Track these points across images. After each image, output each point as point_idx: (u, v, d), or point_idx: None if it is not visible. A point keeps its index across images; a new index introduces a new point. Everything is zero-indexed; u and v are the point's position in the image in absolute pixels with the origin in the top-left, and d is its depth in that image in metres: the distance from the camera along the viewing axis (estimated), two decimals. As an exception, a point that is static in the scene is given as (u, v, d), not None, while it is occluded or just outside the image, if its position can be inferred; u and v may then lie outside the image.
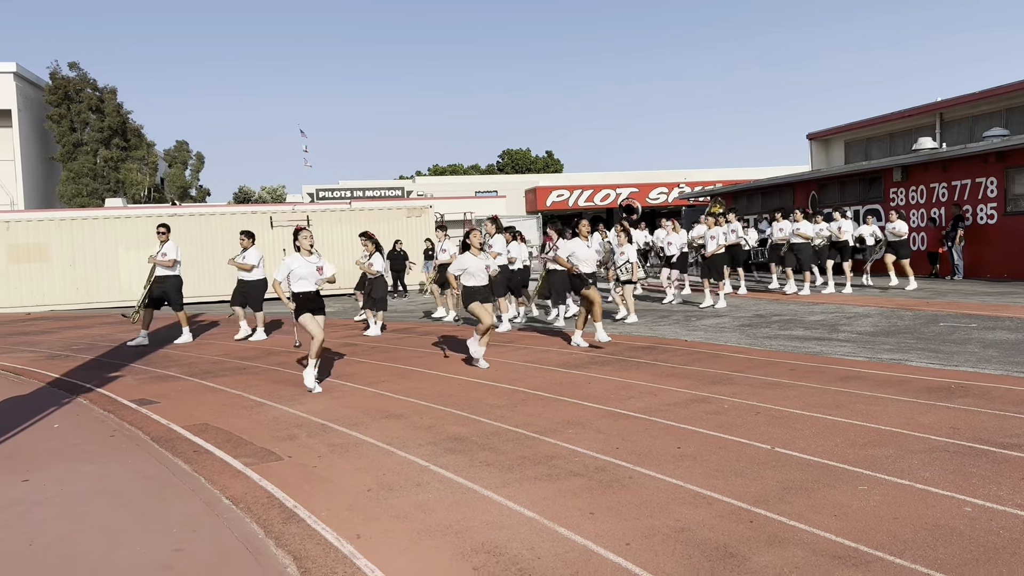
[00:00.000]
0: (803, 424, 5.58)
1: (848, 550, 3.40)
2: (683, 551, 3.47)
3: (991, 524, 3.61)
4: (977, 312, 11.24)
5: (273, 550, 3.74)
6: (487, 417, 6.27)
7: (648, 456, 4.98)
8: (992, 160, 18.11)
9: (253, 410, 6.93)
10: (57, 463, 5.43)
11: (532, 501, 4.22)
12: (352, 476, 4.85)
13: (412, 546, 3.68)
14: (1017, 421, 5.38)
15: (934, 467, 4.47)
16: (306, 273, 7.67)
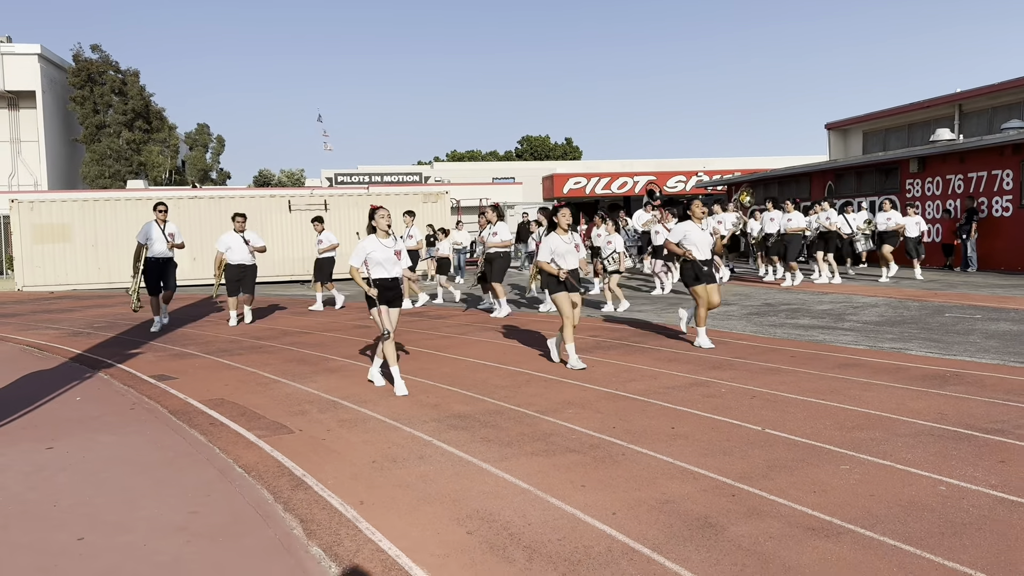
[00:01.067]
0: (795, 408, 5.75)
1: (822, 523, 3.58)
2: (665, 520, 3.67)
3: (962, 502, 3.78)
4: (984, 304, 11.29)
5: (281, 514, 3.98)
6: (491, 397, 6.48)
7: (642, 435, 5.17)
8: (1008, 152, 18.00)
9: (267, 387, 7.19)
10: (79, 433, 5.71)
11: (527, 474, 4.44)
12: (358, 448, 5.08)
13: (411, 512, 3.91)
14: (1004, 408, 5.52)
15: (916, 449, 4.63)
16: (383, 258, 6.72)
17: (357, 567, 3.29)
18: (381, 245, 6.72)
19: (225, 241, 11.78)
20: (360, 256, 6.74)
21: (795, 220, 15.13)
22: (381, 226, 6.74)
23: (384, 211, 6.77)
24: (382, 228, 6.75)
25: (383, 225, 6.75)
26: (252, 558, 3.44)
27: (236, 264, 11.70)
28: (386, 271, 6.71)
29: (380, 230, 6.75)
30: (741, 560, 3.22)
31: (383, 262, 6.70)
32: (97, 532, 3.77)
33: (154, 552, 3.51)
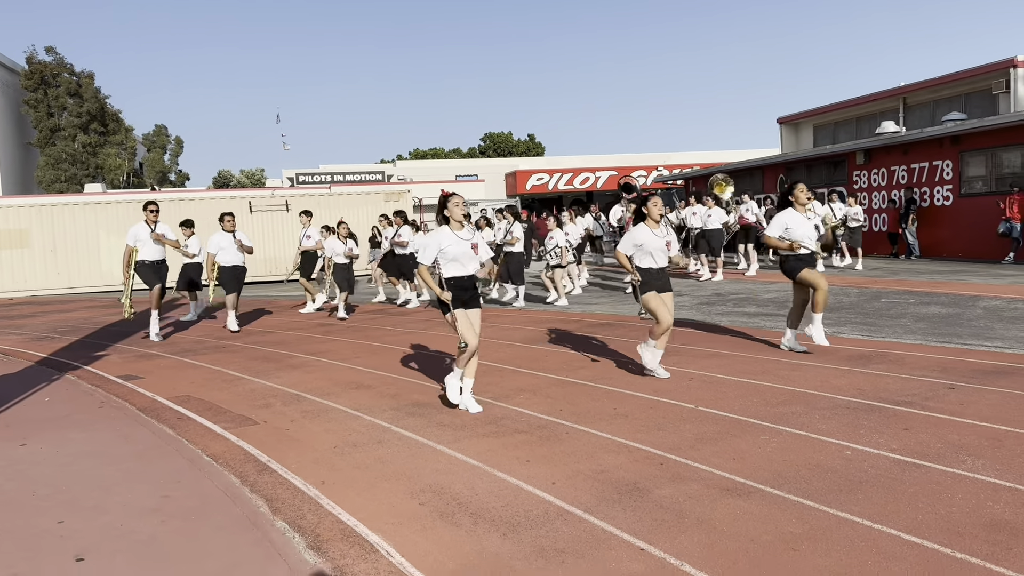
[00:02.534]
0: (729, 387, 6.20)
1: (737, 484, 4.01)
2: (598, 487, 4.07)
3: (863, 464, 4.24)
4: (918, 289, 11.94)
5: (248, 495, 4.30)
6: (448, 386, 6.83)
7: (586, 416, 5.57)
8: (947, 144, 18.81)
9: (232, 383, 7.47)
10: (51, 430, 5.94)
11: (477, 453, 4.81)
12: (320, 436, 5.41)
13: (369, 488, 4.26)
14: (917, 383, 6.03)
15: (831, 421, 5.10)
16: (459, 253, 5.77)
17: (319, 536, 3.64)
18: (456, 238, 5.76)
19: (216, 242, 11.18)
20: (431, 252, 5.77)
21: (715, 215, 15.58)
22: (456, 216, 5.79)
23: (458, 198, 5.80)
24: (456, 218, 5.80)
25: (458, 215, 5.79)
26: (222, 533, 3.76)
27: (230, 266, 11.20)
28: (463, 268, 5.80)
29: (454, 220, 5.80)
30: (661, 516, 3.63)
31: (459, 257, 5.78)
32: (76, 516, 4.06)
33: (131, 531, 3.82)
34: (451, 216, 5.80)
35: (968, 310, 9.70)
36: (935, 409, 5.25)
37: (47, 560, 3.51)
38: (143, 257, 10.44)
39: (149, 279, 10.45)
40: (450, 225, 5.83)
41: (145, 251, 10.45)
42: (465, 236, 5.83)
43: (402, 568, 3.25)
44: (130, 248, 10.36)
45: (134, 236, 10.40)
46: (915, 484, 3.90)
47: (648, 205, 6.80)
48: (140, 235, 10.44)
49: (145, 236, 10.44)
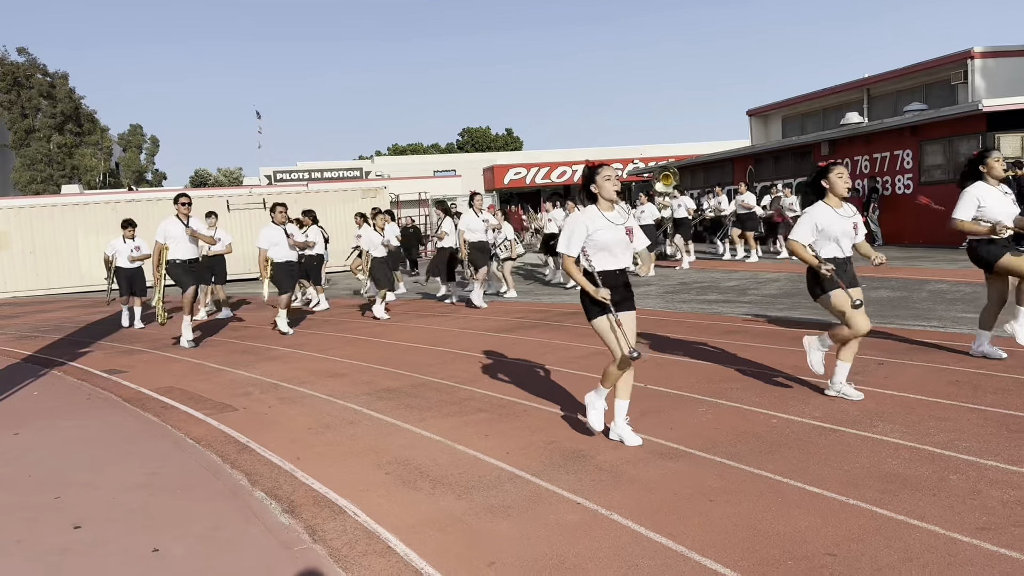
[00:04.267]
0: (677, 367, 6.67)
1: (670, 449, 4.47)
2: (547, 455, 4.51)
3: (785, 430, 4.71)
4: (872, 274, 12.49)
5: (229, 471, 4.70)
6: (418, 373, 7.25)
7: (544, 396, 6.01)
8: (908, 134, 19.44)
9: (212, 375, 7.84)
10: (41, 420, 6.30)
11: (441, 430, 5.23)
12: (296, 419, 5.81)
13: (340, 462, 4.68)
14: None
15: (765, 395, 5.57)
16: (611, 240, 4.51)
17: (293, 502, 4.05)
18: (607, 221, 4.52)
19: (268, 236, 10.14)
20: (578, 239, 4.51)
21: (647, 212, 15.96)
22: (607, 192, 4.54)
23: (610, 170, 4.60)
24: (608, 196, 4.55)
25: (610, 191, 4.54)
26: (206, 502, 4.16)
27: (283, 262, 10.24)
28: (615, 259, 4.55)
29: (604, 199, 4.56)
30: (599, 477, 4.08)
31: (611, 246, 4.51)
32: (71, 492, 4.44)
33: (123, 503, 4.21)
34: (601, 193, 4.56)
35: (915, 293, 10.25)
36: (861, 382, 5.74)
37: (47, 528, 3.89)
38: (176, 256, 9.55)
39: (183, 280, 9.62)
40: (599, 204, 4.57)
41: (178, 249, 9.55)
42: (618, 219, 4.56)
43: (367, 525, 3.67)
44: (160, 246, 9.52)
45: (164, 233, 9.54)
46: (827, 446, 4.38)
47: (831, 177, 5.27)
48: (171, 232, 9.54)
49: (177, 233, 9.54)
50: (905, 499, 3.55)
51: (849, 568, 2.94)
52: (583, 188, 4.67)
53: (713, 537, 3.28)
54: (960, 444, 4.25)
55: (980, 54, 21.98)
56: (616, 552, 3.20)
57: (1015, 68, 21.89)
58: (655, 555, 3.16)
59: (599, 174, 4.58)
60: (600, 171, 4.59)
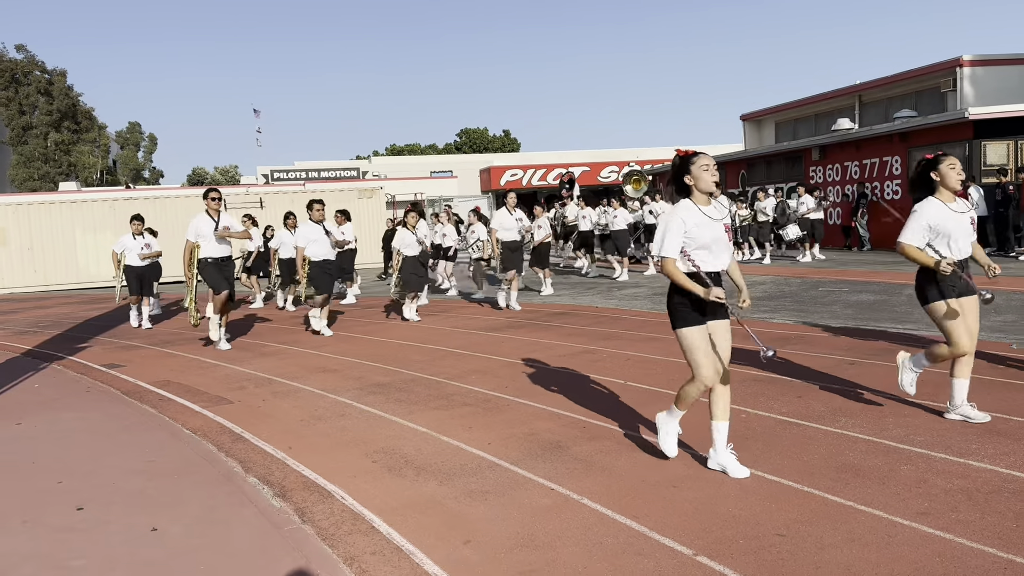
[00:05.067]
0: (658, 367, 6.92)
1: (641, 441, 4.72)
2: (526, 446, 4.76)
3: (753, 424, 4.97)
4: (855, 278, 12.78)
5: (224, 459, 4.93)
6: (408, 369, 7.50)
7: (528, 391, 6.26)
8: (896, 140, 19.73)
9: (208, 369, 8.07)
10: (43, 412, 6.53)
11: (427, 422, 5.48)
12: (289, 412, 6.05)
13: (330, 451, 4.92)
14: (824, 360, 6.79)
15: (737, 392, 5.81)
16: (710, 239, 4.00)
17: (285, 487, 4.29)
18: (705, 216, 4.00)
19: (305, 234, 9.99)
20: (674, 238, 3.99)
21: (620, 216, 15.97)
22: (705, 184, 3.99)
23: (707, 159, 4.02)
24: (705, 188, 4.01)
25: (708, 183, 3.99)
26: (202, 487, 4.40)
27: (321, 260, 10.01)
28: (714, 259, 4.04)
29: (700, 191, 4.02)
30: (573, 466, 4.33)
31: (710, 243, 4.00)
32: (73, 478, 4.68)
33: (122, 487, 4.44)
34: (697, 184, 4.00)
35: (895, 297, 10.52)
36: (831, 381, 6.00)
37: (52, 510, 4.13)
38: (206, 254, 9.03)
39: (215, 280, 9.05)
40: (694, 197, 4.05)
41: (208, 247, 9.04)
42: (715, 214, 4.04)
43: (353, 507, 3.91)
44: (191, 244, 9.03)
45: (195, 230, 9.02)
46: (790, 438, 4.63)
47: (942, 168, 4.69)
48: (202, 230, 9.02)
49: (208, 231, 9.03)
50: (856, 487, 3.81)
51: (795, 547, 3.19)
52: (674, 180, 4.12)
53: (673, 519, 3.53)
54: (915, 438, 4.51)
55: (969, 62, 22.30)
56: (583, 532, 3.45)
57: (1003, 76, 22.22)
58: (619, 534, 3.40)
59: (694, 163, 4.01)
60: (696, 159, 4.02)
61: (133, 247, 12.13)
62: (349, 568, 3.24)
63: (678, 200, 4.11)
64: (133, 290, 11.91)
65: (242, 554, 3.46)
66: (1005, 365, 6.23)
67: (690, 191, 4.06)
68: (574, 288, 14.37)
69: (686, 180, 4.04)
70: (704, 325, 4.05)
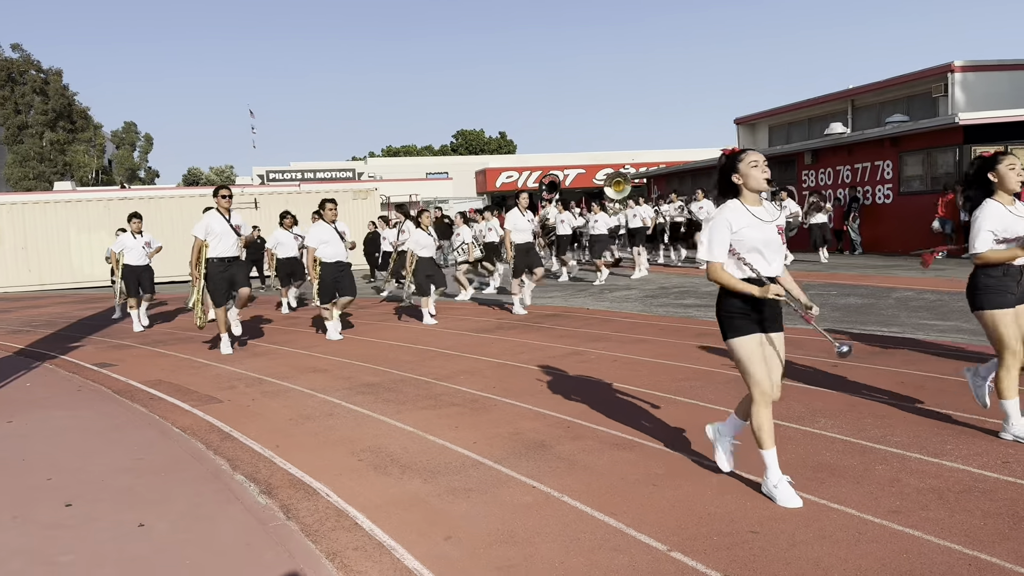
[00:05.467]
0: (644, 367, 7.00)
1: (624, 440, 4.79)
2: (511, 444, 4.83)
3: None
4: (843, 282, 12.88)
5: (212, 456, 4.99)
6: (398, 370, 7.56)
7: (515, 391, 6.33)
8: (888, 145, 19.86)
9: (200, 369, 8.13)
10: (34, 410, 6.58)
11: (415, 422, 5.54)
12: (278, 411, 6.11)
13: (317, 450, 4.98)
14: (808, 361, 6.87)
15: (720, 392, 5.91)
16: (759, 240, 3.72)
17: (271, 484, 4.36)
18: (754, 218, 3.72)
19: (318, 235, 9.68)
20: (721, 241, 3.72)
21: (600, 221, 15.82)
22: (755, 183, 3.72)
23: (756, 156, 3.76)
24: (755, 187, 3.74)
25: (758, 181, 3.72)
26: (189, 484, 4.46)
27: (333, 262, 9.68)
28: (766, 264, 3.76)
29: (750, 190, 3.76)
30: (556, 464, 4.41)
31: (762, 247, 3.73)
32: (62, 475, 4.73)
33: (111, 484, 4.50)
34: (746, 183, 3.74)
35: (882, 300, 10.62)
36: (813, 382, 6.09)
37: (41, 506, 4.19)
38: (215, 254, 8.71)
39: (217, 292, 8.76)
40: (743, 197, 3.78)
41: (218, 246, 8.73)
42: (766, 215, 3.77)
43: (337, 504, 3.98)
44: (200, 242, 8.71)
45: (205, 229, 8.71)
46: (770, 438, 4.70)
47: (1000, 168, 4.38)
48: (214, 227, 8.71)
49: (219, 229, 8.72)
50: (831, 486, 3.89)
51: (767, 543, 3.27)
52: (721, 179, 3.85)
53: (650, 516, 3.60)
54: (891, 439, 4.59)
55: (960, 68, 22.44)
56: (562, 528, 3.52)
57: (993, 82, 22.37)
58: (596, 531, 3.48)
59: (742, 160, 3.76)
60: (744, 157, 3.77)
61: (133, 246, 11.75)
62: (331, 563, 3.31)
63: (722, 201, 3.85)
64: (132, 291, 11.59)
65: (227, 550, 3.53)
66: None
67: (738, 191, 3.80)
68: (565, 290, 14.45)
69: (734, 179, 3.78)
70: (760, 334, 3.75)
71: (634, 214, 17.37)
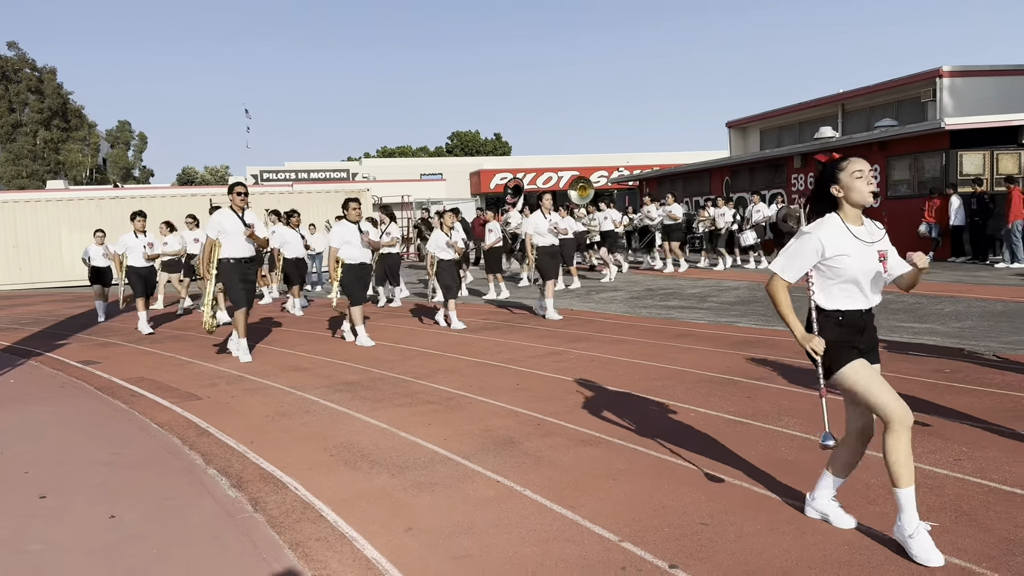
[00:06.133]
0: (621, 367, 7.11)
1: (591, 437, 4.90)
2: (480, 441, 4.93)
3: (700, 421, 5.15)
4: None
5: (187, 451, 5.08)
6: (377, 368, 7.65)
7: (491, 390, 6.43)
8: (875, 149, 20.01)
9: (182, 366, 8.21)
10: (16, 405, 6.65)
11: (389, 419, 5.64)
12: (256, 408, 6.20)
13: (290, 446, 5.07)
14: (780, 363, 6.98)
15: (691, 392, 6.01)
16: (859, 269, 3.20)
17: (242, 478, 4.45)
18: (856, 240, 3.21)
19: (340, 235, 9.20)
20: (802, 264, 3.26)
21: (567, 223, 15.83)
22: (859, 197, 3.21)
23: (862, 164, 3.23)
24: (858, 201, 3.22)
25: (863, 195, 3.21)
26: (162, 478, 4.55)
27: (356, 264, 9.25)
28: (863, 296, 3.27)
29: (852, 205, 3.24)
30: (522, 460, 4.50)
31: (860, 277, 3.21)
32: (40, 468, 4.81)
33: (86, 477, 4.59)
34: (848, 196, 3.23)
35: (862, 303, 10.73)
36: (782, 383, 6.20)
37: (15, 498, 4.27)
38: (228, 254, 8.23)
39: (235, 292, 8.31)
40: (843, 213, 3.26)
41: (231, 246, 8.25)
42: (868, 236, 3.25)
43: (305, 498, 4.07)
44: (212, 241, 8.28)
45: (218, 227, 8.23)
46: (733, 435, 4.81)
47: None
48: (225, 226, 8.22)
49: (231, 228, 8.24)
50: (785, 481, 3.99)
51: (715, 535, 3.37)
52: (817, 189, 3.32)
53: (607, 509, 3.70)
54: (851, 436, 4.69)
55: (948, 73, 22.62)
56: (520, 520, 3.62)
57: (981, 88, 22.55)
58: (553, 522, 3.58)
59: (843, 169, 3.23)
60: (846, 166, 3.23)
61: (135, 246, 11.23)
62: (293, 553, 3.40)
63: (813, 214, 3.32)
64: (138, 292, 11.16)
65: (194, 539, 3.62)
66: (951, 370, 6.43)
67: (836, 204, 3.27)
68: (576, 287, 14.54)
69: (833, 191, 3.26)
70: (860, 363, 3.23)
71: (604, 216, 17.51)
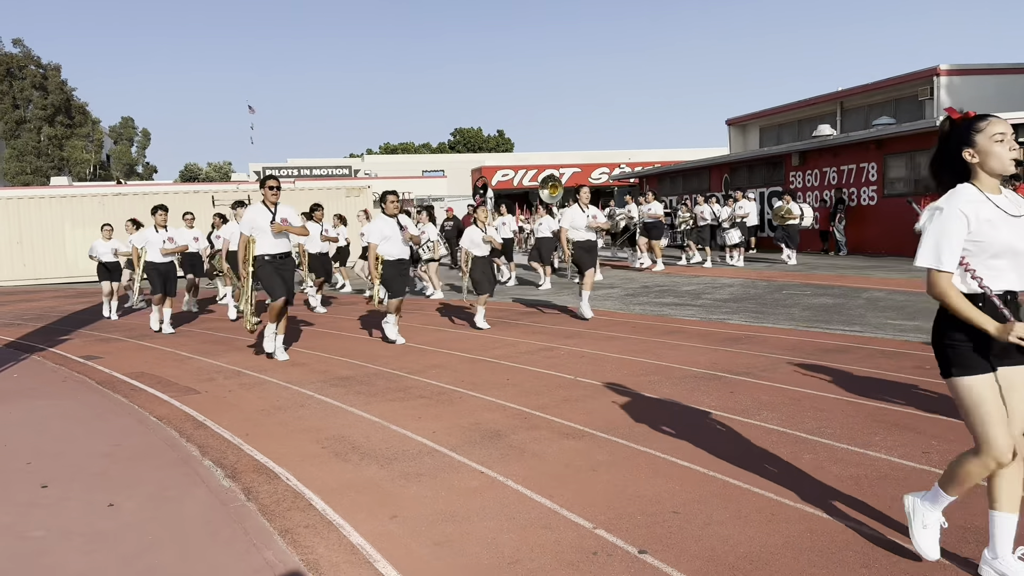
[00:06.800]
0: (610, 363, 7.26)
1: (575, 430, 5.06)
2: (468, 434, 5.09)
3: (681, 415, 5.30)
4: (818, 282, 13.14)
5: (184, 444, 5.25)
6: (373, 364, 7.82)
7: (482, 385, 6.59)
8: (873, 147, 20.13)
9: (182, 362, 8.38)
10: (20, 399, 6.83)
11: (380, 413, 5.80)
12: (252, 402, 6.36)
13: (284, 438, 5.24)
14: (765, 359, 7.13)
15: (676, 387, 6.17)
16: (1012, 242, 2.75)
17: (236, 469, 4.61)
18: (1000, 212, 2.79)
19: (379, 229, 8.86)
20: (953, 244, 2.76)
21: (544, 224, 15.74)
22: (997, 162, 2.79)
23: (1003, 125, 2.79)
24: (998, 169, 2.80)
25: (1002, 161, 2.79)
26: (160, 469, 4.72)
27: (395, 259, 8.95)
28: (1017, 274, 2.81)
29: (987, 172, 2.82)
30: (507, 452, 4.67)
31: (1007, 252, 2.78)
32: (41, 459, 4.99)
33: (86, 468, 4.76)
34: (985, 164, 2.82)
35: (852, 300, 10.88)
36: (765, 378, 6.35)
37: (18, 487, 4.44)
38: (262, 251, 7.99)
39: (271, 284, 8.01)
40: (978, 181, 2.84)
41: (265, 243, 8.01)
42: (1014, 208, 2.83)
43: (296, 488, 4.24)
44: (246, 238, 8.03)
45: (251, 223, 8.02)
46: (711, 428, 4.97)
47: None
48: (258, 222, 7.99)
49: (265, 224, 8.00)
50: (757, 472, 4.15)
51: (685, 522, 3.53)
52: (942, 155, 2.91)
53: (584, 498, 3.86)
54: (825, 430, 4.85)
55: (946, 71, 22.70)
56: (500, 509, 3.79)
57: (979, 86, 22.63)
58: (531, 511, 3.74)
59: (980, 130, 2.79)
60: (983, 125, 2.80)
61: (155, 241, 10.73)
62: (283, 539, 3.56)
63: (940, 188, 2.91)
64: (156, 289, 10.72)
65: (188, 527, 3.78)
66: (931, 367, 6.57)
67: (970, 173, 2.84)
68: (549, 290, 14.68)
69: (966, 156, 2.81)
70: (993, 373, 2.77)
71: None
